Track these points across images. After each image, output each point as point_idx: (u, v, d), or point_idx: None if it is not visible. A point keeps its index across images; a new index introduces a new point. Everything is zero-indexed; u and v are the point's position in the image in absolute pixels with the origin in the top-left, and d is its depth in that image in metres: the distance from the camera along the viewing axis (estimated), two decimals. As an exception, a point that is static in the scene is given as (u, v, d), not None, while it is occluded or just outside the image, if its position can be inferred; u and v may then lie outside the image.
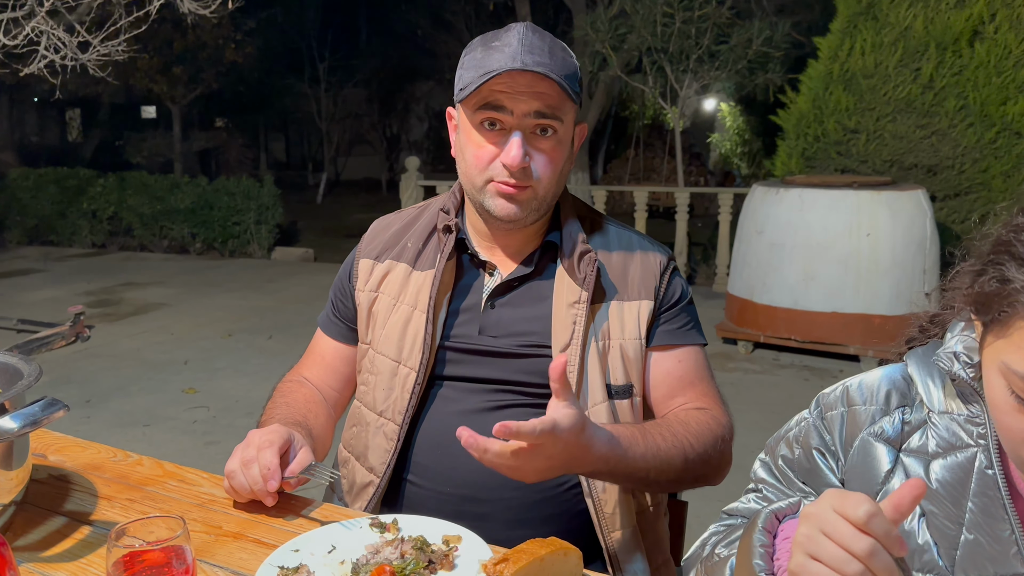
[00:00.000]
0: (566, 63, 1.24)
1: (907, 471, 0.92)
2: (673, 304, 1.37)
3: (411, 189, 9.02)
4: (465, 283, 1.38)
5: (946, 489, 0.89)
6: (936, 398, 0.92)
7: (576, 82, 1.26)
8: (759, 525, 0.87)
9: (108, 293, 7.87)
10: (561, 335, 1.29)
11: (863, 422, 0.96)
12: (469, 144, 1.28)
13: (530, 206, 1.28)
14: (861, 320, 5.12)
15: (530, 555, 0.91)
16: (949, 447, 0.90)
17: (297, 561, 1.01)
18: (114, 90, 13.32)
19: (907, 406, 0.95)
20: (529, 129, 1.24)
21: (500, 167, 1.25)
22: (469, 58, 1.26)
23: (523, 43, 1.21)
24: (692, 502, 1.58)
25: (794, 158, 6.59)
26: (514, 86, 1.21)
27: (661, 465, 1.19)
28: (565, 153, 1.29)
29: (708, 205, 12.15)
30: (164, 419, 4.40)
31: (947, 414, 0.91)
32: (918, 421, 0.94)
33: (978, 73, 5.76)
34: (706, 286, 7.71)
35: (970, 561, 0.86)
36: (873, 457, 0.94)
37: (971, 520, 0.87)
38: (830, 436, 0.99)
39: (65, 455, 1.38)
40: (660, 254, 1.39)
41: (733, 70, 8.59)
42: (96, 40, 5.16)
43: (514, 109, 1.22)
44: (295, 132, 24.11)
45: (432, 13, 15.86)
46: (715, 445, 1.27)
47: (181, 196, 10.37)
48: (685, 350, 1.36)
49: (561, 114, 1.24)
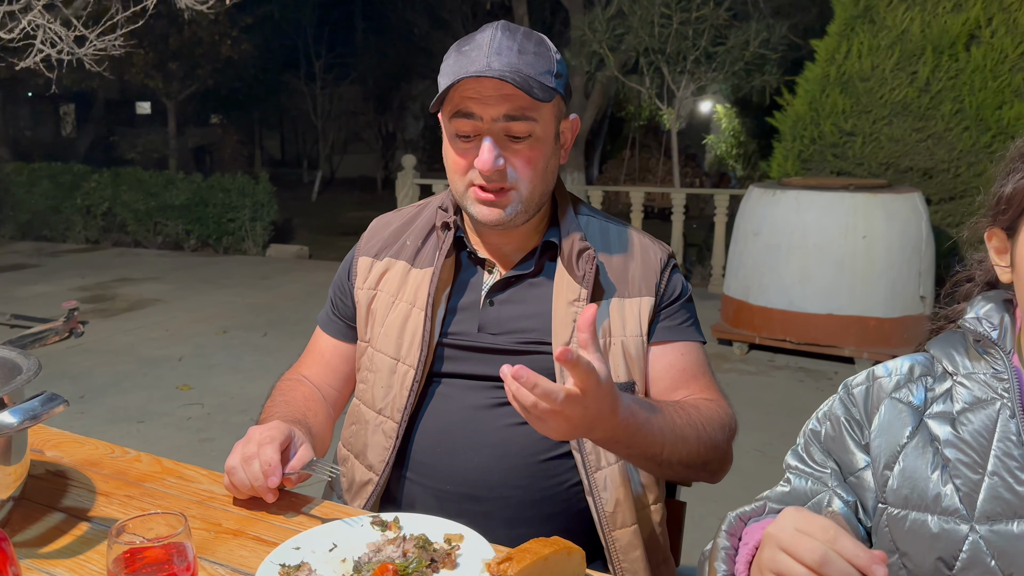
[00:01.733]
0: (538, 59, 1.22)
1: (931, 431, 0.97)
2: (674, 300, 1.37)
3: (407, 187, 9.01)
4: (464, 280, 1.38)
5: (973, 437, 0.93)
6: (960, 362, 0.98)
7: (551, 76, 1.24)
8: (722, 528, 0.92)
9: (102, 289, 7.84)
10: (561, 333, 1.29)
11: (888, 389, 1.02)
12: (449, 152, 1.29)
13: (514, 208, 1.27)
14: (856, 322, 5.13)
15: (534, 554, 0.91)
16: (976, 401, 0.95)
17: (298, 559, 1.00)
18: (109, 85, 13.27)
19: (930, 376, 1.01)
20: (502, 131, 1.23)
21: (477, 172, 1.25)
22: (444, 65, 1.26)
23: (492, 46, 1.20)
24: (690, 502, 1.58)
25: (790, 160, 6.60)
26: (481, 91, 1.20)
27: (676, 441, 1.18)
28: (546, 150, 1.28)
29: (703, 206, 12.15)
30: (158, 415, 4.38)
31: (972, 374, 0.97)
32: (941, 390, 0.99)
33: (974, 77, 5.78)
34: (701, 287, 7.72)
35: (991, 504, 0.90)
36: (897, 417, 0.99)
37: (994, 465, 0.91)
38: (856, 408, 1.04)
39: (62, 451, 1.37)
40: (660, 250, 1.39)
41: (730, 71, 8.60)
42: (93, 35, 5.14)
43: (483, 115, 1.21)
44: (290, 129, 24.07)
45: (429, 11, 15.85)
46: (723, 433, 1.27)
47: (176, 192, 10.34)
48: (687, 345, 1.36)
49: (532, 114, 1.23)
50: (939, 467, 0.94)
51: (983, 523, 0.90)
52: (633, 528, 1.31)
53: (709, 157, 15.88)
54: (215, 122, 20.55)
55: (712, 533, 0.95)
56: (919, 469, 0.95)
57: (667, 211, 8.24)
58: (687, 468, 1.24)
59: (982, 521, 0.90)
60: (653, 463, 1.20)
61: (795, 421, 1.13)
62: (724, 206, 7.45)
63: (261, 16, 14.78)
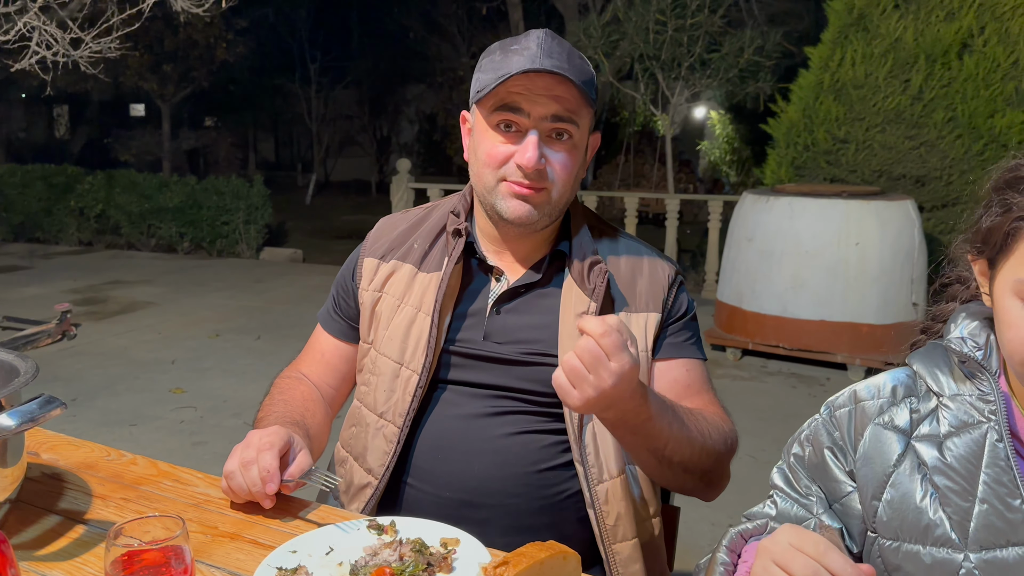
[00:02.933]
0: (584, 69, 1.24)
1: (918, 455, 0.95)
2: (680, 317, 1.38)
3: (402, 191, 9.02)
4: (471, 287, 1.37)
5: (960, 463, 0.91)
6: (945, 383, 0.96)
7: (593, 88, 1.25)
8: (723, 544, 0.93)
9: (95, 291, 7.82)
10: (568, 344, 1.28)
11: (872, 413, 0.99)
12: (483, 143, 1.27)
13: (543, 209, 1.27)
14: (849, 328, 5.15)
15: (530, 559, 0.91)
16: (962, 425, 0.93)
17: (295, 562, 1.00)
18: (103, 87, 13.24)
19: (915, 396, 0.98)
20: (545, 132, 1.24)
21: (514, 168, 1.24)
22: (487, 61, 1.26)
23: (542, 47, 1.21)
24: (684, 507, 1.58)
25: (784, 167, 6.63)
26: (532, 88, 1.21)
27: (680, 440, 1.18)
28: (580, 159, 1.29)
29: (697, 212, 12.19)
30: (151, 419, 4.37)
31: (958, 396, 0.94)
32: (927, 410, 0.97)
33: (967, 85, 5.81)
34: (695, 293, 7.73)
35: (984, 532, 0.89)
36: (883, 443, 0.97)
37: (984, 491, 0.90)
38: (839, 432, 1.01)
39: (58, 453, 1.37)
40: (668, 267, 1.40)
41: (724, 78, 8.63)
42: (88, 37, 5.13)
43: (531, 111, 1.22)
44: (285, 132, 24.07)
45: (424, 16, 15.88)
46: (724, 443, 1.27)
47: (169, 195, 10.31)
48: (691, 361, 1.37)
49: (578, 118, 1.24)
50: (928, 494, 0.93)
51: (976, 551, 0.89)
52: (634, 542, 1.31)
53: (703, 163, 15.91)
54: (209, 125, 20.51)
55: (704, 538, 0.96)
56: (908, 498, 0.94)
57: (661, 217, 8.26)
58: (686, 472, 1.23)
59: (975, 549, 0.89)
60: (654, 459, 1.19)
61: (788, 427, 1.14)
62: (718, 212, 7.48)
63: (256, 19, 14.80)
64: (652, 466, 1.24)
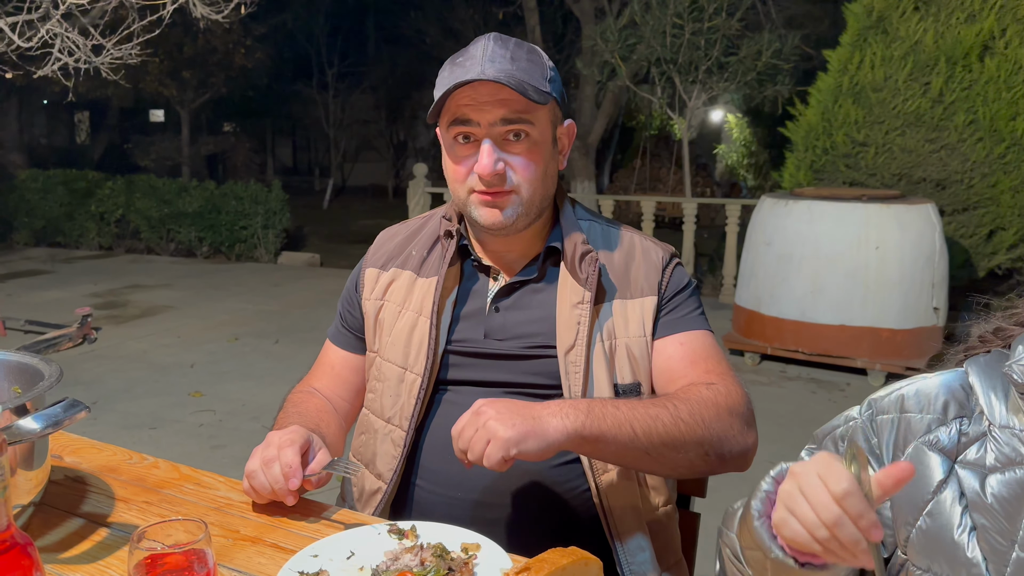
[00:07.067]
0: (531, 65, 1.25)
1: (961, 483, 0.89)
2: (676, 293, 1.37)
3: (418, 196, 9.04)
4: (469, 288, 1.39)
5: (1001, 504, 0.86)
6: (999, 411, 0.89)
7: (545, 81, 1.26)
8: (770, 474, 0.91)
9: (115, 295, 7.89)
10: (565, 336, 1.30)
11: (918, 430, 0.94)
12: (448, 159, 1.31)
13: (516, 211, 1.28)
14: (869, 333, 5.10)
15: (551, 564, 0.91)
16: (1008, 462, 0.87)
17: (317, 567, 1.01)
18: (123, 93, 13.33)
19: (965, 417, 0.92)
20: (500, 136, 1.25)
21: (476, 178, 1.26)
22: (439, 78, 1.28)
23: (485, 54, 1.23)
24: (704, 514, 1.57)
25: (802, 170, 6.58)
26: (477, 98, 1.22)
27: (647, 420, 1.15)
28: (544, 153, 1.29)
29: (714, 216, 12.13)
30: (170, 422, 4.40)
31: (1008, 428, 0.88)
32: (976, 433, 0.90)
33: (988, 88, 5.76)
34: (712, 297, 7.70)
35: None
36: (925, 465, 0.91)
37: None
38: (877, 439, 0.97)
39: (80, 456, 1.38)
40: (661, 250, 1.41)
41: (742, 81, 8.59)
42: (110, 43, 5.19)
43: (480, 120, 1.23)
44: (302, 137, 24.20)
45: (440, 21, 15.92)
46: (715, 412, 1.21)
47: (189, 200, 10.40)
48: (687, 334, 1.34)
49: (529, 117, 1.25)
50: (966, 529, 0.88)
51: None
52: (641, 531, 1.31)
53: (720, 167, 15.84)
54: (228, 130, 20.67)
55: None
56: (946, 531, 0.89)
57: (678, 221, 8.23)
58: (676, 451, 1.18)
59: None
60: (639, 451, 1.16)
61: (807, 432, 1.11)
62: (736, 216, 7.44)
63: (275, 25, 14.88)
64: (645, 461, 1.21)
